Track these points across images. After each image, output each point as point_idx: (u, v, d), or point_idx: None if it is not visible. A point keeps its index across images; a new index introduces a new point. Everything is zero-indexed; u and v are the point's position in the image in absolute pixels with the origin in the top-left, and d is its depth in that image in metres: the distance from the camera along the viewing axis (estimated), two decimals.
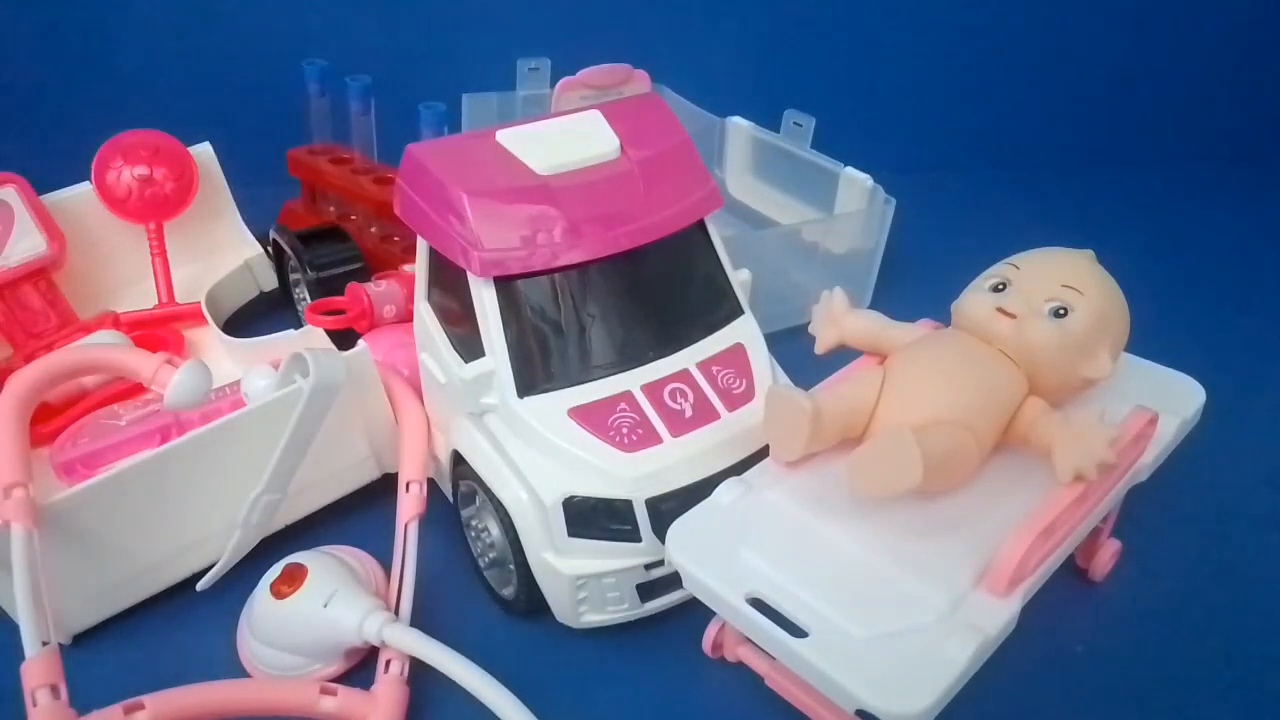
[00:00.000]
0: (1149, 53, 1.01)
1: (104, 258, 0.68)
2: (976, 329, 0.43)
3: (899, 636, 0.36)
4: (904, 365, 0.43)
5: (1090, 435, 0.39)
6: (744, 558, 0.40)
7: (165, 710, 0.38)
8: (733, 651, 0.46)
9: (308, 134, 0.77)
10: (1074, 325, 0.42)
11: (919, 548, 0.40)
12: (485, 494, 0.46)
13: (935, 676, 0.35)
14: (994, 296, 0.43)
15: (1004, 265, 0.45)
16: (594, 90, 0.76)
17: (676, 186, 0.48)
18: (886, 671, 0.35)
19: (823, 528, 0.41)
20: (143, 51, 0.88)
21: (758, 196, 0.84)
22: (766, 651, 0.39)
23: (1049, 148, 1.03)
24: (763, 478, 0.43)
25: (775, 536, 0.41)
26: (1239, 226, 0.94)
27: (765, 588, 0.38)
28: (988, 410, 0.41)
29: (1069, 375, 0.43)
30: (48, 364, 0.48)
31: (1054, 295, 0.42)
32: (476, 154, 0.47)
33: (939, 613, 0.37)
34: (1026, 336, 0.42)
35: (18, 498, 0.42)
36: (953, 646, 0.36)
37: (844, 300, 0.48)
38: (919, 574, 0.39)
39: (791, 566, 0.39)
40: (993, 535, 0.40)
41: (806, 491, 0.42)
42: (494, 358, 0.45)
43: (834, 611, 0.37)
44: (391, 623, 0.43)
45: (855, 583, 0.39)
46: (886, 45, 0.98)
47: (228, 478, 0.47)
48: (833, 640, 0.36)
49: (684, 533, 0.41)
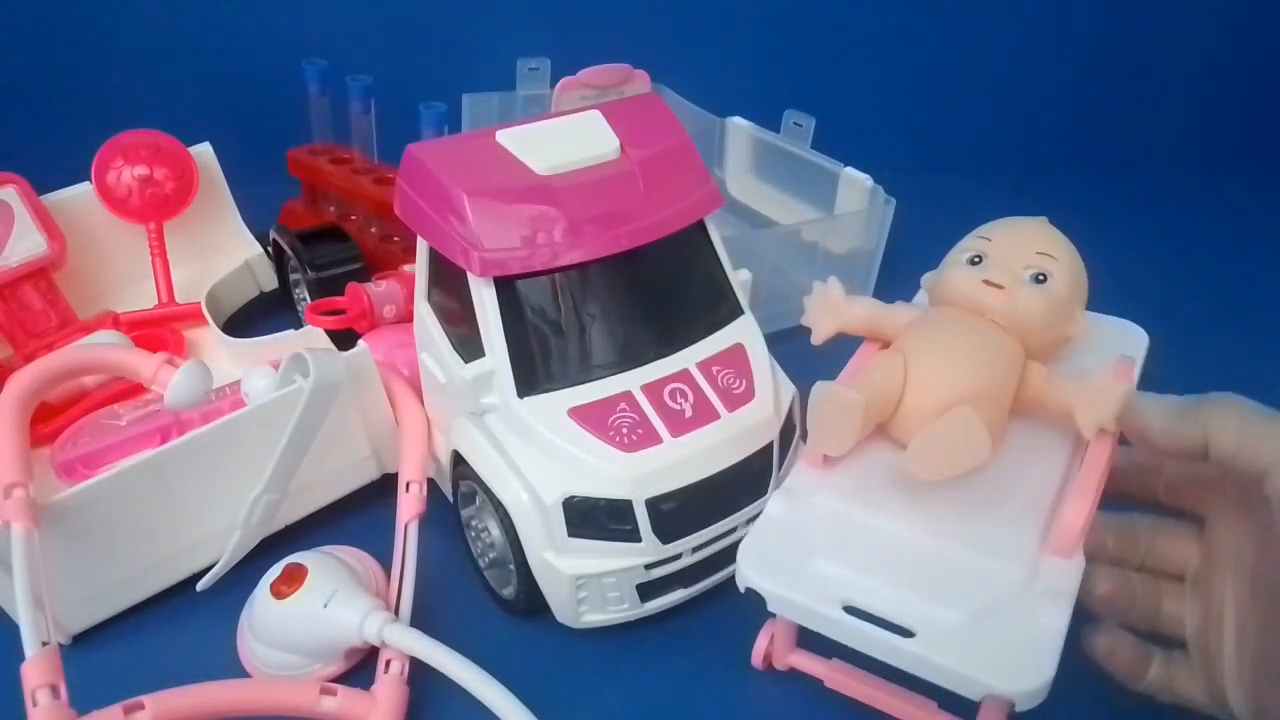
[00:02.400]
0: (1149, 53, 1.01)
1: (104, 258, 0.68)
2: (966, 303, 0.45)
3: (994, 616, 0.37)
4: (919, 348, 0.43)
5: (1107, 390, 0.41)
6: (821, 568, 0.39)
7: (165, 710, 0.38)
8: (783, 660, 0.46)
9: (308, 134, 0.77)
10: (1055, 289, 0.44)
11: (976, 525, 0.41)
12: (485, 494, 0.46)
13: (1044, 649, 0.36)
14: (976, 270, 0.45)
15: (974, 239, 0.46)
16: (594, 90, 0.76)
17: (676, 186, 0.48)
18: (999, 653, 0.36)
19: (881, 522, 0.41)
20: (143, 51, 0.88)
21: (758, 196, 0.84)
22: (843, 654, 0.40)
23: (1049, 148, 1.03)
24: (803, 482, 0.43)
25: (841, 540, 0.40)
26: (1239, 227, 0.94)
27: (854, 593, 0.38)
28: (1004, 381, 0.43)
29: (1055, 336, 0.45)
30: (48, 364, 0.48)
31: (1031, 263, 0.44)
32: (476, 154, 0.47)
33: (1019, 585, 0.38)
34: (1018, 305, 0.43)
35: (18, 497, 0.42)
36: (1046, 616, 0.37)
37: (840, 289, 0.48)
38: (987, 551, 0.40)
39: (869, 567, 0.39)
40: (1034, 501, 0.41)
41: (849, 488, 0.43)
42: (494, 358, 0.45)
43: (927, 604, 0.38)
44: (391, 623, 0.43)
45: (933, 571, 0.39)
46: (886, 45, 0.98)
47: (228, 478, 0.47)
48: (940, 633, 0.37)
49: (753, 557, 0.40)
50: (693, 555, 0.46)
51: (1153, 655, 0.41)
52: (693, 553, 0.46)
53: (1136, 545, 0.42)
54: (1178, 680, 0.40)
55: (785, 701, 0.45)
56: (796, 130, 0.79)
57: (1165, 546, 0.41)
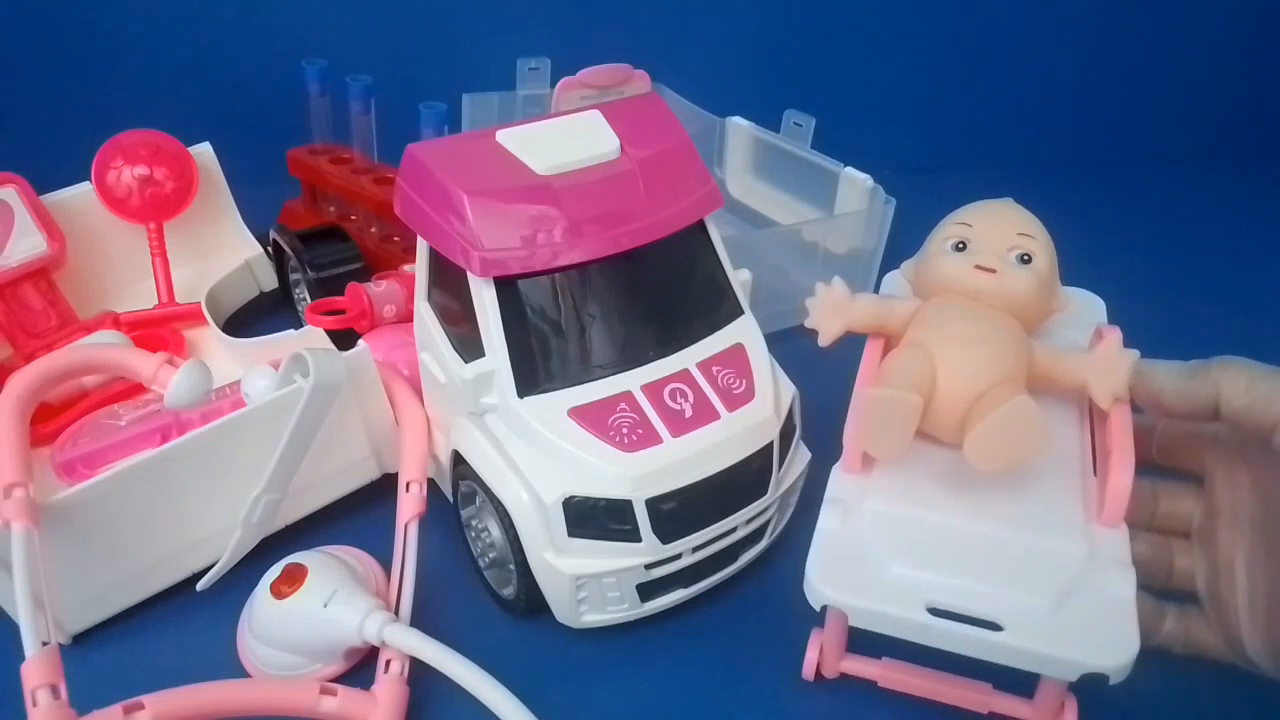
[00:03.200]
0: (1149, 53, 1.01)
1: (104, 258, 0.68)
2: (961, 289, 0.45)
3: (1070, 594, 0.38)
4: (939, 340, 0.44)
5: (1116, 360, 0.43)
6: (895, 574, 0.39)
7: (165, 710, 0.38)
8: (834, 669, 0.45)
9: (308, 134, 0.77)
10: (1040, 267, 0.45)
11: (1024, 506, 0.42)
12: (485, 494, 0.46)
13: (1124, 619, 0.38)
14: (964, 256, 0.46)
15: (953, 226, 0.47)
16: (594, 90, 0.76)
17: (676, 186, 0.48)
18: (1087, 631, 0.37)
19: (936, 518, 0.42)
20: (143, 51, 0.88)
21: (758, 196, 0.84)
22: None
23: (1049, 148, 1.03)
24: (847, 490, 0.43)
25: (904, 542, 0.41)
26: (1240, 227, 0.94)
27: (935, 594, 0.39)
28: (1021, 362, 0.44)
29: (1045, 312, 0.46)
30: (48, 364, 0.48)
31: (1014, 244, 0.45)
32: (477, 154, 0.47)
33: (1082, 560, 0.39)
34: (1012, 286, 0.45)
35: (18, 497, 0.42)
36: (1115, 587, 0.38)
37: (845, 289, 0.49)
38: (1045, 531, 0.41)
39: (940, 564, 0.40)
40: (1067, 475, 0.43)
41: (895, 489, 0.43)
42: (494, 357, 0.45)
43: (1007, 593, 0.38)
44: (391, 623, 0.43)
45: (1000, 558, 0.40)
46: (886, 45, 0.98)
47: (228, 477, 0.47)
48: (1030, 622, 0.37)
49: (825, 573, 0.40)
50: (693, 555, 0.46)
51: (1166, 610, 0.42)
52: (693, 553, 0.46)
53: (1144, 507, 0.43)
54: (1193, 631, 0.42)
55: (786, 701, 0.46)
56: (796, 130, 0.79)
57: (1169, 505, 0.43)
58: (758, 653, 0.48)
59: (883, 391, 0.41)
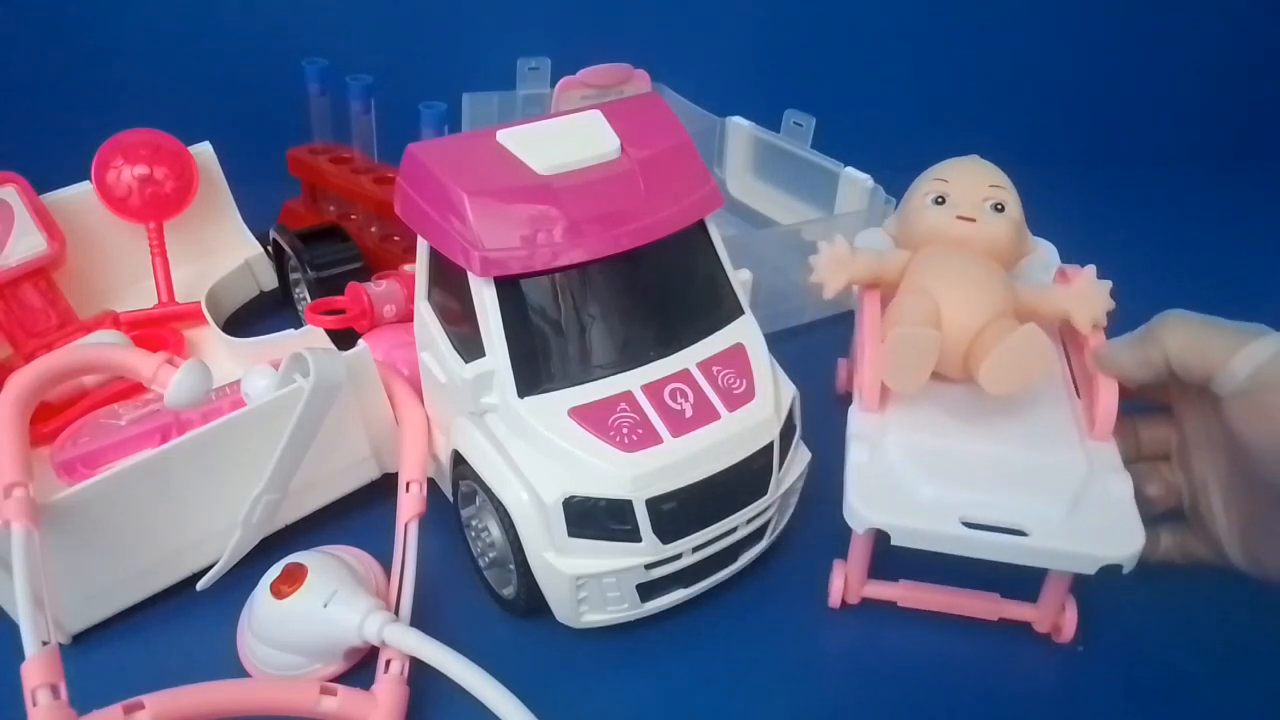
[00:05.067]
0: (1149, 53, 1.01)
1: (104, 257, 0.68)
2: (946, 239, 0.50)
3: (1080, 499, 0.43)
4: (939, 283, 0.48)
5: (1093, 291, 0.49)
6: (927, 495, 0.44)
7: (165, 710, 0.38)
8: (857, 594, 0.49)
9: (308, 133, 0.77)
10: (1013, 214, 0.51)
11: (1028, 428, 0.47)
12: (485, 494, 0.46)
13: (1129, 515, 0.43)
14: (946, 209, 0.50)
15: (931, 182, 0.52)
16: (594, 90, 0.76)
17: (677, 186, 0.48)
18: (1099, 528, 0.42)
19: (954, 443, 0.46)
20: (143, 51, 0.88)
21: (758, 196, 0.84)
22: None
23: (1049, 147, 1.03)
24: (868, 426, 0.47)
25: (931, 466, 0.45)
26: (1240, 227, 0.94)
27: (966, 510, 0.43)
28: (1009, 299, 0.48)
29: (1019, 254, 0.52)
30: (48, 364, 0.48)
31: (988, 195, 0.50)
32: (477, 154, 0.47)
33: (1084, 469, 0.44)
34: (991, 233, 0.50)
35: (18, 497, 0.42)
36: (1116, 489, 0.44)
37: (848, 244, 0.52)
38: (1049, 447, 0.46)
39: (965, 484, 0.44)
40: (1057, 398, 0.49)
41: (912, 421, 0.47)
42: (494, 357, 0.45)
43: (1026, 503, 0.43)
44: (391, 623, 0.43)
45: (1017, 475, 0.44)
46: (886, 45, 0.98)
47: (228, 477, 0.47)
48: (1052, 527, 0.42)
49: (865, 499, 0.44)
50: (693, 555, 0.46)
51: (1159, 529, 0.47)
52: (693, 553, 0.46)
53: (1129, 439, 0.48)
54: (1187, 544, 0.47)
55: (785, 701, 0.46)
56: (796, 130, 0.79)
57: (1149, 434, 0.48)
58: (758, 652, 0.48)
59: (906, 330, 0.45)
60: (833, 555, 0.50)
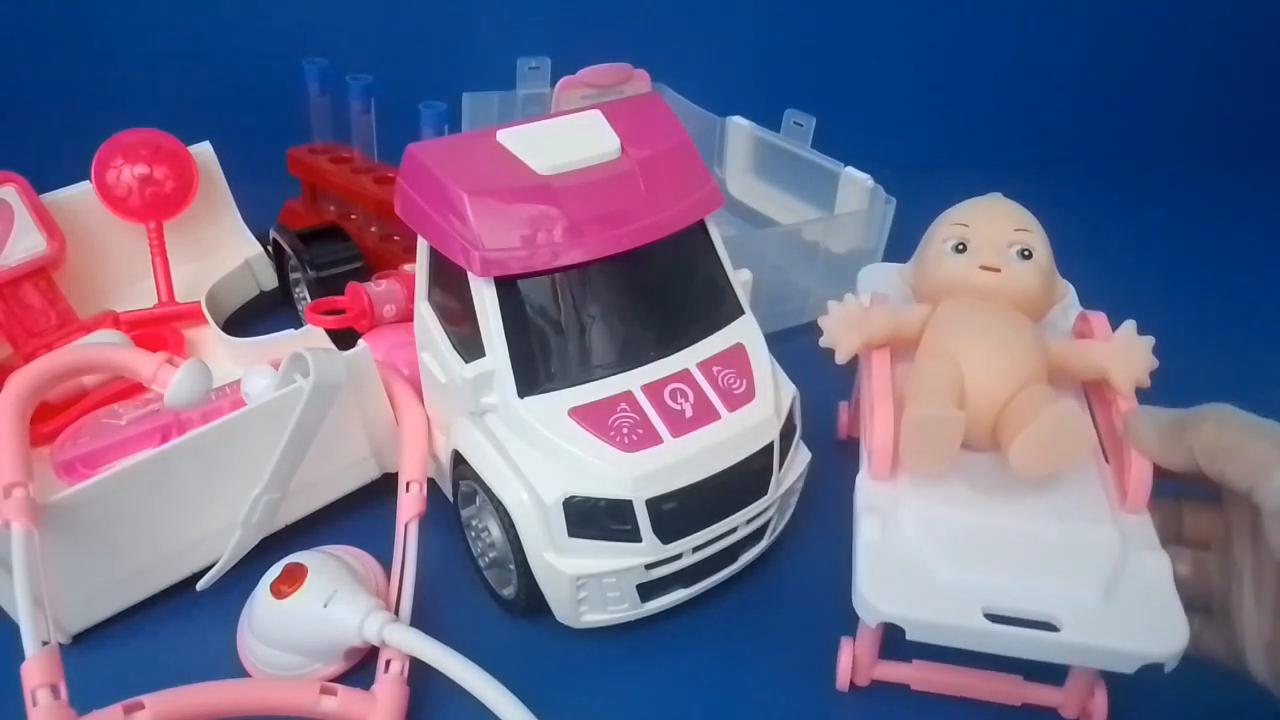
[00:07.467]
0: (1149, 53, 1.01)
1: (104, 257, 0.68)
2: (968, 290, 0.46)
3: (1114, 582, 0.39)
4: (961, 346, 0.44)
5: (1135, 348, 0.44)
6: (947, 580, 0.39)
7: (165, 710, 0.38)
8: (867, 676, 0.45)
9: (308, 133, 0.77)
10: (1041, 260, 0.46)
11: (1056, 498, 0.42)
12: (485, 494, 0.46)
13: (1168, 601, 0.38)
14: (966, 257, 0.46)
15: (949, 227, 0.47)
16: (594, 90, 0.76)
17: (677, 186, 0.48)
18: (1138, 619, 0.38)
19: (974, 517, 0.42)
20: (143, 51, 0.88)
21: (758, 196, 0.84)
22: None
23: (1049, 148, 1.03)
24: (880, 499, 0.43)
25: (949, 546, 0.40)
26: (1240, 227, 0.94)
27: (989, 598, 0.38)
28: (1041, 358, 0.44)
29: (1048, 304, 0.47)
30: (48, 364, 0.48)
31: (1013, 240, 0.46)
32: (477, 154, 0.47)
33: (1118, 546, 0.40)
34: (1019, 284, 0.45)
35: (18, 497, 0.42)
36: (1154, 569, 0.39)
37: (858, 302, 0.48)
38: (1080, 519, 0.41)
39: (988, 565, 0.40)
40: (1084, 464, 0.43)
41: (925, 494, 0.43)
42: (494, 357, 0.45)
43: (1057, 587, 0.38)
44: (391, 623, 0.43)
45: (1044, 553, 0.40)
46: (886, 45, 0.98)
47: (228, 477, 0.47)
48: (1085, 618, 0.38)
49: (878, 589, 0.39)
50: (693, 555, 0.46)
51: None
52: (693, 553, 0.46)
53: (1170, 521, 0.43)
54: (1204, 639, 0.42)
55: (785, 701, 0.45)
56: (796, 130, 0.79)
57: (1194, 521, 0.43)
58: (758, 652, 0.48)
59: (928, 413, 0.41)
60: (833, 558, 0.46)
